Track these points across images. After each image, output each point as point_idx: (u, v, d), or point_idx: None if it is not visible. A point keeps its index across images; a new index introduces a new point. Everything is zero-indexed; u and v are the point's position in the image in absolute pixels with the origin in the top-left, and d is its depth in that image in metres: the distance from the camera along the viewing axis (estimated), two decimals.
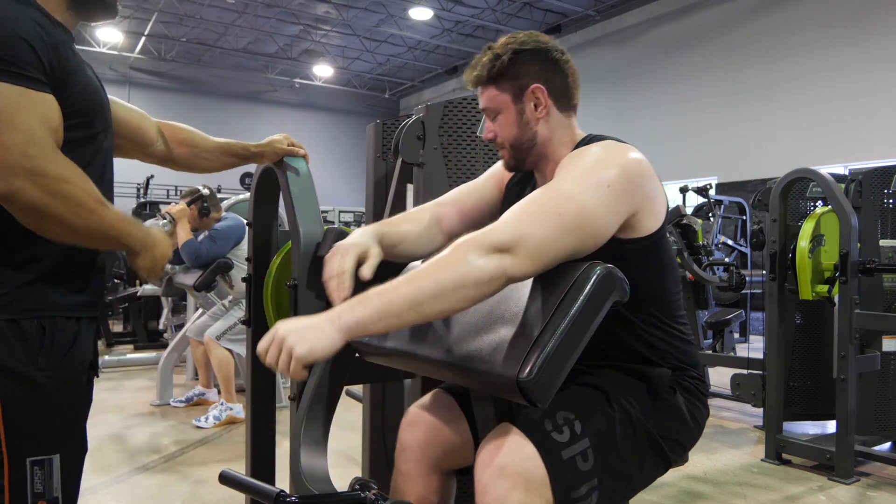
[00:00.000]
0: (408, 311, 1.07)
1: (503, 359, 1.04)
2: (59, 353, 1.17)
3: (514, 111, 1.34)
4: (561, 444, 1.12)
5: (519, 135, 1.35)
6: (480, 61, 1.34)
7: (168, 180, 13.60)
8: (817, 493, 2.87)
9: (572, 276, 1.08)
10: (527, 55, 1.32)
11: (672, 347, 1.33)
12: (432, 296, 1.07)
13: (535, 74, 1.32)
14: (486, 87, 1.35)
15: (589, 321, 1.05)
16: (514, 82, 1.32)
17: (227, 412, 3.83)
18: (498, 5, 13.16)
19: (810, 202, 3.51)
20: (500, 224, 1.12)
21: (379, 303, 1.08)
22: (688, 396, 1.31)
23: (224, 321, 3.98)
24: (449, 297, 1.07)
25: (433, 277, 1.08)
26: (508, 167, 1.43)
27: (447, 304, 1.08)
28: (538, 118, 1.34)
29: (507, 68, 1.31)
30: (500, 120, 1.36)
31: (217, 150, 1.61)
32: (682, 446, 1.31)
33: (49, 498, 1.14)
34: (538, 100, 1.33)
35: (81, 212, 1.11)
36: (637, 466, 1.22)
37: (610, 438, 1.17)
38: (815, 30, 10.08)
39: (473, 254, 1.08)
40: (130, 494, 2.79)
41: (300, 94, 18.66)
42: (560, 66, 1.35)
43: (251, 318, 1.86)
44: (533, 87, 1.32)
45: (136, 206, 8.88)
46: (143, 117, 1.51)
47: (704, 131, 11.48)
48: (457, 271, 1.07)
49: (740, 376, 3.71)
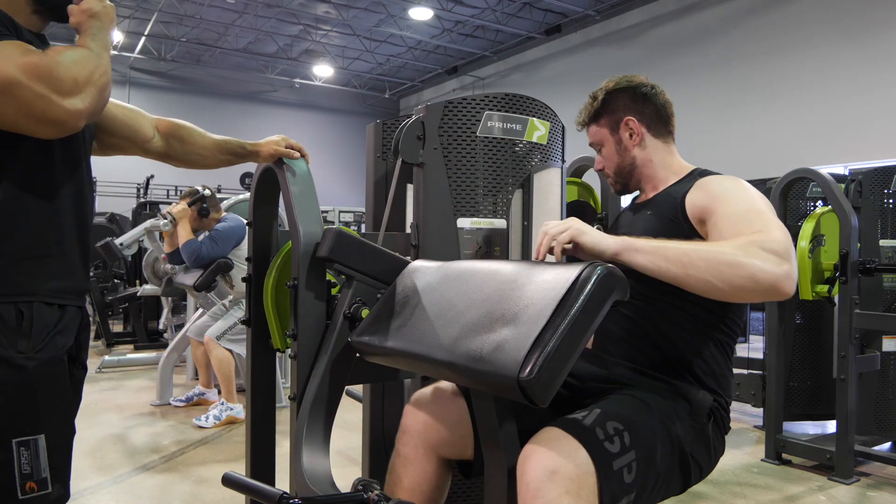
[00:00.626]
0: (675, 262, 1.16)
1: (503, 359, 1.04)
2: (38, 336, 1.16)
3: (612, 141, 1.58)
4: (613, 454, 1.13)
5: (620, 161, 1.58)
6: (585, 106, 1.62)
7: (168, 180, 13.59)
8: (817, 493, 2.87)
9: (573, 275, 1.08)
10: (618, 93, 1.57)
11: (719, 372, 1.39)
12: (703, 260, 1.15)
13: (626, 108, 1.56)
14: (589, 126, 1.62)
15: (589, 321, 1.05)
16: (609, 117, 1.57)
17: (227, 412, 3.83)
18: (498, 5, 13.15)
19: (810, 202, 3.51)
20: (769, 234, 1.19)
21: (656, 243, 1.20)
22: (715, 430, 1.36)
23: (224, 321, 3.98)
24: (717, 271, 1.14)
25: (714, 247, 1.17)
26: (616, 191, 1.66)
27: (710, 276, 1.15)
28: (634, 144, 1.56)
29: (601, 107, 1.58)
30: (604, 152, 1.60)
31: (213, 147, 1.62)
32: (702, 470, 1.33)
33: (37, 479, 1.14)
34: (631, 129, 1.56)
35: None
36: (665, 482, 1.24)
37: (652, 454, 1.19)
38: (815, 30, 10.07)
39: (758, 248, 1.15)
40: (130, 494, 2.79)
41: (300, 94, 18.65)
42: (649, 98, 1.56)
43: (251, 318, 1.86)
44: (626, 119, 1.56)
45: (136, 206, 8.87)
46: (138, 115, 1.53)
47: (704, 131, 11.48)
48: (737, 253, 1.14)
49: (740, 376, 3.71)
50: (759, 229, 1.20)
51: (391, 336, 1.34)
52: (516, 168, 1.90)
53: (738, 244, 1.16)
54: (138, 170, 12.27)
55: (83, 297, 1.31)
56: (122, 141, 1.50)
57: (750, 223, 1.23)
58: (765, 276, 1.13)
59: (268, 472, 1.91)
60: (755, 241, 1.16)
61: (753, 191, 1.36)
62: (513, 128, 1.89)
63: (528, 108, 1.92)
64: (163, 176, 10.51)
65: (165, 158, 1.60)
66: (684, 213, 1.40)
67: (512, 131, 1.89)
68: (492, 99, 1.88)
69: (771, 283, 1.13)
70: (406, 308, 1.37)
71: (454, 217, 1.85)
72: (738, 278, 1.13)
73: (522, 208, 1.94)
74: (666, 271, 1.16)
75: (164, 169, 1.69)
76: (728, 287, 1.14)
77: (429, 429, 1.41)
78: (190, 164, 1.62)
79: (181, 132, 1.58)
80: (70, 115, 1.09)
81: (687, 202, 1.41)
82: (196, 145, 1.60)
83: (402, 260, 1.57)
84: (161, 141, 1.56)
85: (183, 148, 1.59)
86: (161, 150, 1.57)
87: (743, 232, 1.22)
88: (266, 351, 1.86)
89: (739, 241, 1.18)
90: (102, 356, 5.68)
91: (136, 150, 1.54)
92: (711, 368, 1.38)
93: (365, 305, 1.50)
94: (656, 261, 1.16)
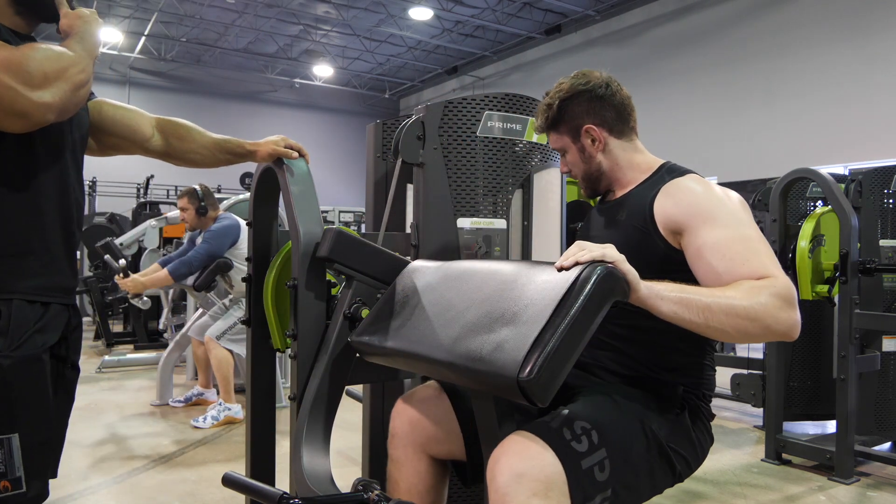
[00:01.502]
0: (697, 313, 1.14)
1: (503, 359, 1.04)
2: (16, 334, 1.15)
3: (575, 149, 1.52)
4: (581, 453, 1.14)
5: (586, 168, 1.53)
6: (540, 110, 1.53)
7: (168, 180, 13.58)
8: (817, 493, 2.87)
9: (572, 276, 1.08)
10: (573, 100, 1.48)
11: (693, 367, 1.39)
12: (724, 314, 1.14)
13: (584, 114, 1.48)
14: (548, 132, 1.55)
15: (589, 321, 1.05)
16: (568, 125, 1.50)
17: (225, 412, 3.83)
18: (498, 5, 13.15)
19: (810, 202, 3.50)
20: (776, 274, 1.20)
21: (679, 293, 1.16)
22: (694, 419, 1.36)
23: (224, 321, 3.98)
24: (735, 324, 1.14)
25: (731, 301, 1.15)
26: (587, 195, 1.61)
27: (729, 328, 1.14)
28: (598, 150, 1.50)
29: (558, 116, 1.50)
30: (568, 158, 1.54)
31: (213, 146, 1.62)
32: (688, 462, 1.33)
33: (11, 478, 1.13)
34: (593, 136, 1.49)
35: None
36: (648, 477, 1.25)
37: (625, 450, 1.20)
38: (815, 30, 10.07)
39: (772, 298, 1.15)
40: (130, 494, 2.79)
41: (300, 94, 18.65)
42: (607, 100, 1.49)
43: (251, 318, 1.86)
44: (586, 127, 1.48)
45: (136, 205, 8.87)
46: (136, 114, 1.53)
47: (704, 131, 11.47)
48: (754, 306, 1.14)
49: (740, 376, 3.71)
50: (758, 268, 1.21)
51: (391, 336, 1.33)
52: (516, 168, 1.90)
53: (753, 295, 1.16)
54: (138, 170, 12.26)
55: (70, 294, 1.29)
56: (121, 141, 1.50)
57: (745, 260, 1.23)
58: (778, 327, 1.15)
59: (268, 472, 1.91)
60: (768, 290, 1.16)
61: (728, 200, 1.33)
62: (513, 128, 1.89)
63: (529, 108, 1.92)
64: (163, 176, 10.51)
65: (165, 157, 1.60)
66: (654, 222, 1.37)
67: (512, 131, 1.89)
68: (492, 99, 1.88)
69: (783, 332, 1.16)
70: (406, 308, 1.37)
71: (454, 217, 1.85)
72: (754, 329, 1.15)
73: (522, 208, 1.94)
74: (689, 322, 1.16)
75: (164, 169, 1.69)
76: (742, 336, 1.17)
77: (414, 429, 1.43)
78: (189, 162, 1.62)
79: (180, 131, 1.59)
80: (37, 108, 1.08)
81: (656, 211, 1.37)
82: (195, 144, 1.60)
83: (402, 260, 1.57)
84: (160, 140, 1.56)
85: (182, 146, 1.59)
86: (160, 148, 1.57)
87: (738, 269, 1.22)
88: (266, 351, 1.86)
89: (752, 290, 1.17)
90: (102, 356, 5.68)
91: (135, 150, 1.55)
92: (682, 361, 1.38)
93: (365, 305, 1.50)
94: (679, 311, 1.15)
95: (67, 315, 1.28)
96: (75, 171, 1.31)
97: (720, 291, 1.18)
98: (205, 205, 4.02)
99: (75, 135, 1.31)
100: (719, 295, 1.16)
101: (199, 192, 4.02)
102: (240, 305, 3.98)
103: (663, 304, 1.15)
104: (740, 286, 1.19)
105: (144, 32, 14.50)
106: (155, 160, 1.67)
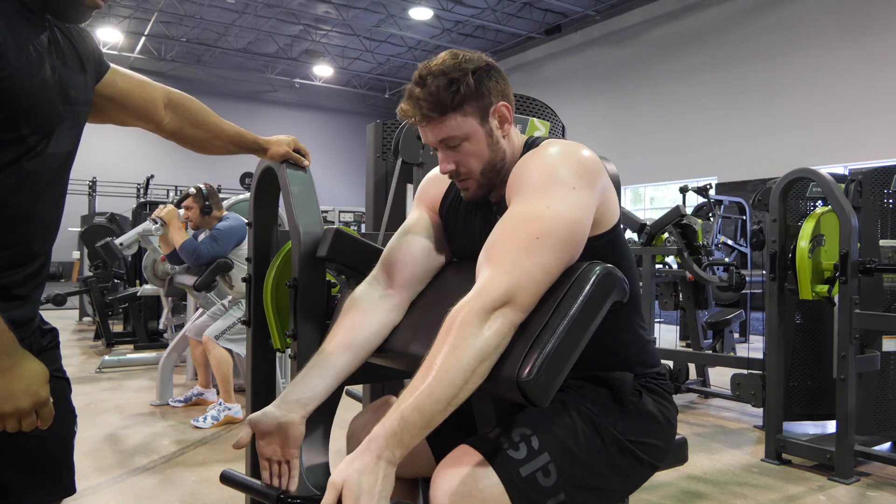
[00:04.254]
0: (444, 409, 1.01)
1: (503, 359, 1.04)
2: None
3: (483, 134, 1.25)
4: (518, 461, 1.08)
5: (492, 157, 1.27)
6: (434, 88, 1.21)
7: (168, 180, 13.59)
8: (817, 493, 2.87)
9: (571, 275, 1.08)
10: (485, 73, 1.24)
11: (633, 349, 1.31)
12: (464, 382, 1.01)
13: (496, 91, 1.25)
14: (444, 116, 1.22)
15: (588, 321, 1.05)
16: (478, 103, 1.23)
17: (225, 412, 3.83)
18: (498, 5, 13.16)
19: (810, 202, 3.50)
20: (489, 281, 1.06)
21: (421, 419, 1.00)
22: (654, 397, 1.28)
23: (223, 321, 3.98)
24: (478, 374, 1.02)
25: (457, 367, 1.01)
26: (475, 198, 1.31)
27: (479, 381, 1.03)
28: (504, 135, 1.28)
29: (469, 93, 1.22)
30: (467, 148, 1.25)
31: (227, 140, 1.59)
32: (658, 447, 1.26)
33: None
34: (503, 117, 1.26)
35: None
36: (611, 475, 1.18)
37: (573, 451, 1.14)
38: (815, 30, 10.08)
39: (477, 325, 1.03)
40: (130, 494, 2.79)
41: (300, 94, 18.67)
42: (505, 78, 1.29)
43: (251, 318, 1.86)
44: (497, 106, 1.25)
45: (136, 205, 8.87)
46: (149, 93, 1.41)
47: (704, 131, 11.48)
48: (473, 349, 1.01)
49: (740, 376, 3.71)
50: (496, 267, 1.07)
51: (391, 336, 1.34)
52: None
53: (455, 339, 1.02)
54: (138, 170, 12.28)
55: (28, 324, 1.12)
56: (129, 118, 1.40)
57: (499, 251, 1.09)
58: (504, 334, 1.04)
59: None
60: (471, 312, 1.03)
61: (557, 179, 1.15)
62: None
63: (528, 108, 1.92)
64: (163, 176, 10.53)
65: (173, 139, 1.53)
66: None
67: None
68: None
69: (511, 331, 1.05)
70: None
71: None
72: (496, 355, 1.03)
73: None
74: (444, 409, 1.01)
75: (164, 169, 1.67)
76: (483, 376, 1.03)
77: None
78: (199, 150, 1.59)
79: (197, 118, 1.52)
80: None
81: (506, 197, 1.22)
82: (210, 134, 1.54)
83: None
84: (173, 123, 1.48)
85: (197, 135, 1.53)
86: (172, 131, 1.49)
87: (490, 255, 1.10)
88: (266, 351, 1.86)
89: (452, 332, 1.03)
90: (102, 356, 5.68)
91: (142, 127, 1.45)
92: (622, 347, 1.29)
93: None
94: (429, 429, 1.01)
95: (28, 343, 1.11)
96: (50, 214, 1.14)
97: (432, 370, 1.01)
98: (209, 204, 4.02)
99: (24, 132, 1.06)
100: (434, 378, 1.00)
101: (203, 192, 4.02)
102: (239, 306, 3.98)
103: (407, 435, 0.99)
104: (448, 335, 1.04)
105: (144, 32, 14.51)
106: (155, 160, 1.64)
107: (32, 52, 1.03)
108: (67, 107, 1.11)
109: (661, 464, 1.28)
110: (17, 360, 0.98)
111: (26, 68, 1.01)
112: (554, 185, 1.14)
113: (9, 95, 0.98)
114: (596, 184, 1.18)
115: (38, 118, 1.04)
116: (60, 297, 5.87)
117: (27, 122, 1.02)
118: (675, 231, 4.46)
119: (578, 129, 12.12)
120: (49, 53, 1.07)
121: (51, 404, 1.02)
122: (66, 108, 1.10)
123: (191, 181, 4.75)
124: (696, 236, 4.51)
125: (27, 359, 1.00)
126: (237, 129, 1.61)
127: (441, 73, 1.21)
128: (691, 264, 4.45)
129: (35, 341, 1.14)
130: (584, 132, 12.69)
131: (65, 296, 6.02)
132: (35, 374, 1.00)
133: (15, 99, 0.99)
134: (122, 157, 16.23)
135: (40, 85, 1.03)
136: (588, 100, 13.78)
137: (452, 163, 1.27)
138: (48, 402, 1.01)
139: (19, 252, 1.07)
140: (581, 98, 13.85)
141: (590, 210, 1.16)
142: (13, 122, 1.00)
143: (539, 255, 1.08)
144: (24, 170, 1.03)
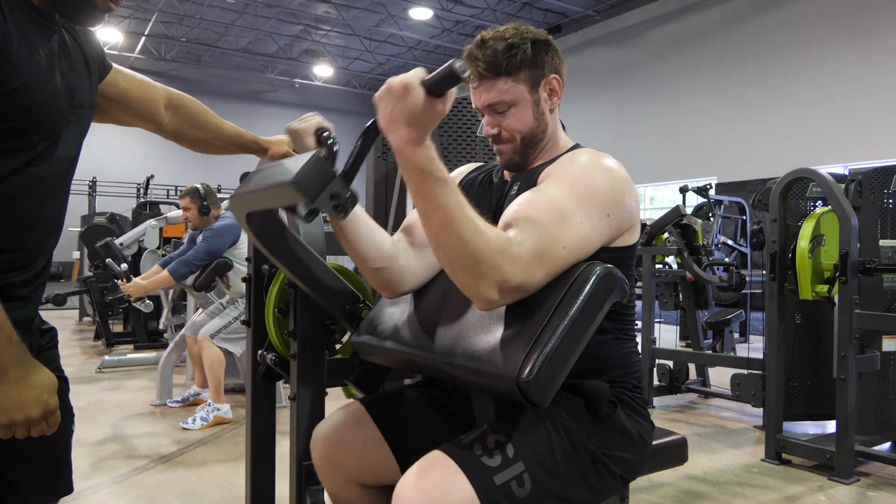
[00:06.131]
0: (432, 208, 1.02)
1: (503, 359, 1.04)
2: None
3: (530, 102, 1.30)
4: (492, 468, 1.06)
5: (534, 126, 1.32)
6: (492, 51, 1.26)
7: (168, 180, 13.59)
8: (817, 493, 2.87)
9: (572, 276, 1.08)
10: (543, 46, 1.30)
11: (616, 358, 1.29)
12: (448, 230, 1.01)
13: (551, 64, 1.31)
14: (497, 78, 1.28)
15: (589, 321, 1.05)
16: (532, 72, 1.29)
17: (214, 413, 3.80)
18: (498, 5, 13.16)
19: (810, 202, 3.50)
20: (516, 264, 1.05)
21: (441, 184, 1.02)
22: (628, 412, 1.26)
23: (220, 319, 3.97)
24: (454, 253, 1.03)
25: (467, 236, 1.01)
26: (511, 165, 1.37)
27: (447, 252, 1.04)
28: (551, 109, 1.33)
29: (527, 58, 1.27)
30: (513, 112, 1.31)
31: (227, 140, 1.59)
32: (631, 462, 1.24)
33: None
34: (553, 90, 1.32)
35: None
36: (584, 487, 1.16)
37: (548, 461, 1.12)
38: (815, 30, 10.08)
39: (495, 281, 1.03)
40: (130, 494, 2.79)
41: (300, 94, 18.68)
42: (561, 57, 1.35)
43: (251, 319, 1.86)
44: (551, 77, 1.31)
45: (136, 205, 8.87)
46: (149, 93, 1.42)
47: (704, 131, 11.48)
48: (475, 261, 1.02)
49: (740, 376, 3.71)
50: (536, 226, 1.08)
51: (391, 336, 1.34)
52: None
53: (489, 243, 1.03)
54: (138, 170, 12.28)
55: (28, 324, 1.11)
56: (130, 119, 1.40)
57: (526, 217, 1.10)
58: (494, 303, 1.06)
59: (268, 472, 1.90)
60: (500, 274, 1.03)
61: (594, 179, 1.18)
62: None
63: None
64: (162, 176, 10.53)
65: (173, 138, 1.54)
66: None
67: None
68: None
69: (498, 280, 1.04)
70: (406, 308, 1.37)
71: None
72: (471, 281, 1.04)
73: None
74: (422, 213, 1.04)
75: (164, 169, 1.66)
76: (452, 264, 1.05)
77: (333, 461, 1.34)
78: (198, 150, 1.59)
79: (197, 119, 1.52)
80: None
81: (540, 176, 1.26)
82: (210, 134, 1.55)
83: None
84: (174, 123, 1.49)
85: (198, 135, 1.53)
86: (172, 131, 1.50)
87: (513, 217, 1.11)
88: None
89: (495, 243, 1.04)
90: (102, 356, 5.68)
91: (141, 127, 1.45)
92: (603, 357, 1.27)
93: (365, 305, 1.50)
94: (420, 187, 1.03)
95: (28, 343, 1.09)
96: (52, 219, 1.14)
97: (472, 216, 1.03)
98: (207, 204, 4.02)
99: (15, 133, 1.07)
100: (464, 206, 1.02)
101: (201, 192, 4.02)
102: (236, 305, 3.98)
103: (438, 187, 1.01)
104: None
105: (144, 32, 14.51)
106: (155, 159, 1.65)
107: (44, 59, 1.02)
108: (74, 111, 1.10)
109: (631, 479, 1.26)
110: (28, 371, 0.99)
111: (38, 76, 1.00)
112: (593, 206, 1.16)
113: (23, 104, 0.97)
114: (625, 213, 1.21)
115: (48, 125, 1.04)
116: (60, 297, 5.86)
117: (37, 130, 1.02)
118: (675, 231, 4.46)
119: (578, 128, 12.11)
120: (59, 58, 1.06)
121: (58, 412, 1.03)
122: (73, 113, 1.10)
123: (191, 181, 4.74)
124: (696, 236, 4.51)
125: (38, 369, 1.01)
126: (237, 130, 1.62)
127: (502, 39, 1.28)
128: (691, 264, 4.45)
129: (34, 341, 1.15)
130: (584, 132, 12.70)
131: (65, 296, 6.01)
132: (45, 383, 1.01)
133: (27, 107, 0.98)
134: (122, 157, 16.24)
135: (52, 92, 1.03)
136: (588, 99, 13.78)
137: (496, 127, 1.33)
138: (56, 411, 1.02)
139: (23, 255, 1.07)
140: (581, 98, 13.85)
141: (602, 238, 1.18)
142: (24, 130, 1.00)
143: (561, 237, 1.10)
144: (30, 175, 1.03)
